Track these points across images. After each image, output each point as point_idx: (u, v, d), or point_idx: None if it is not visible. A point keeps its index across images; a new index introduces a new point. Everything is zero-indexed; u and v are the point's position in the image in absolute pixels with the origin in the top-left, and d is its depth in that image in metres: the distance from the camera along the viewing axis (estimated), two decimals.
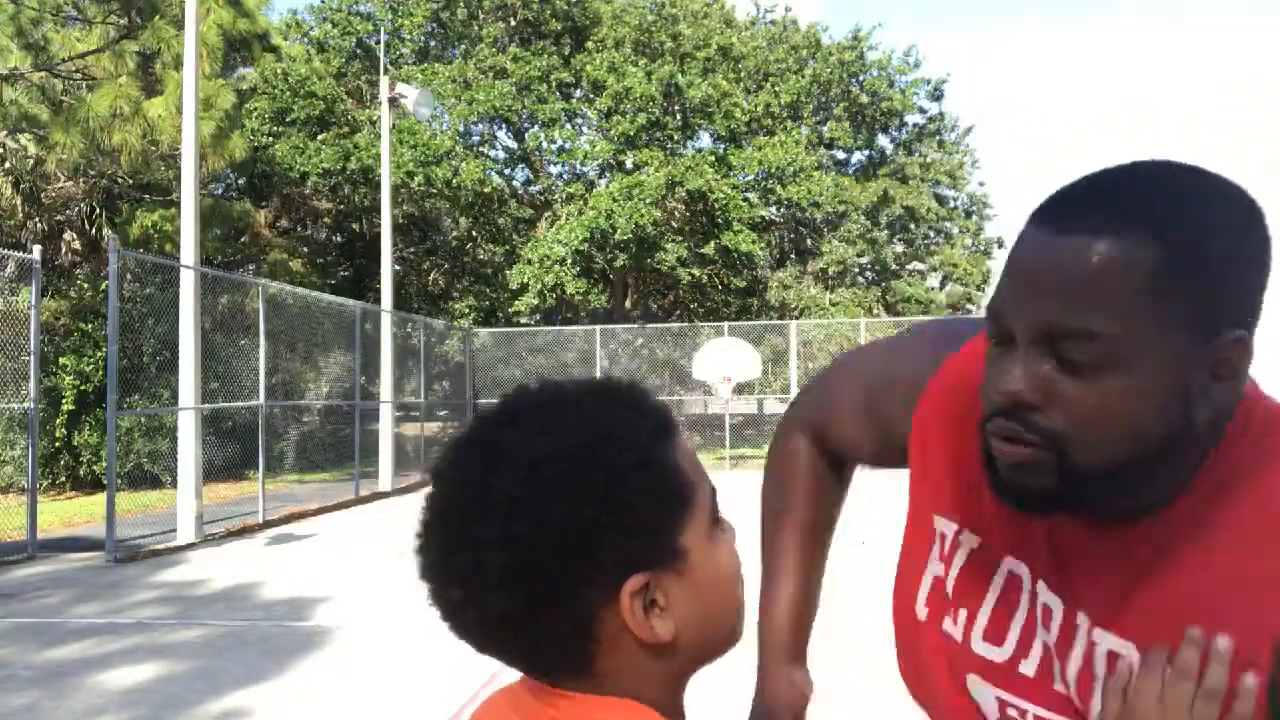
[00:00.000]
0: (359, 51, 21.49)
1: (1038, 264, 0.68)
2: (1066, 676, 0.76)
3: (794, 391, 19.55)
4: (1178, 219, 0.66)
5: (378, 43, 18.68)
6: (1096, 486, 0.70)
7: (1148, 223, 0.65)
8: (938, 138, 23.65)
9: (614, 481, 0.62)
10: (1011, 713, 0.79)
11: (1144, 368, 0.66)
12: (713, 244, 19.43)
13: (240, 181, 19.53)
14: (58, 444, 13.07)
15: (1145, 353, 0.66)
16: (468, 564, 0.62)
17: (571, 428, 0.63)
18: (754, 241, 19.18)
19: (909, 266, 23.52)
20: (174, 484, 9.62)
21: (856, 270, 22.40)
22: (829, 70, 21.98)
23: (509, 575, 0.60)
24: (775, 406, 25.24)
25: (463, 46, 22.17)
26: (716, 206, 18.80)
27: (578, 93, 21.42)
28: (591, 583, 0.61)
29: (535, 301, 18.44)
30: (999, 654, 0.80)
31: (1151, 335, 0.65)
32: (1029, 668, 0.78)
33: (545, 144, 21.04)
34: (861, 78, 22.50)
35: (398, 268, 18.47)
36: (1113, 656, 0.72)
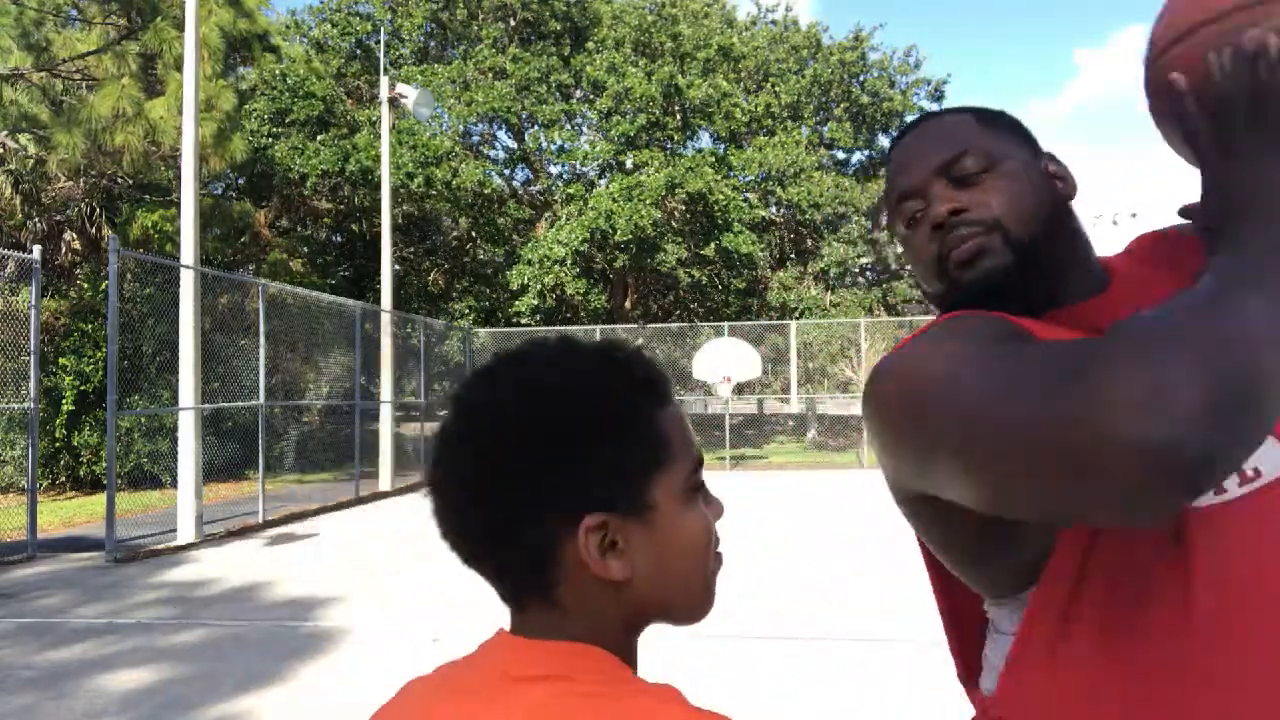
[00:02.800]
0: (358, 52, 21.50)
1: (911, 148, 0.98)
2: None
3: (794, 391, 19.56)
4: (984, 109, 0.99)
5: (377, 43, 18.69)
6: (1035, 259, 0.91)
7: (968, 110, 0.99)
8: None
9: (580, 424, 0.67)
10: None
11: (1006, 164, 0.93)
12: (713, 245, 19.43)
13: (240, 181, 19.53)
14: (58, 444, 13.07)
15: (1003, 156, 0.93)
16: (448, 476, 0.70)
17: (558, 371, 0.70)
18: (754, 242, 19.18)
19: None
20: (174, 484, 9.62)
21: (857, 271, 22.41)
22: (830, 70, 21.98)
23: (485, 493, 0.68)
24: (775, 406, 25.24)
25: (462, 47, 22.17)
26: (716, 207, 18.79)
27: (578, 93, 21.41)
28: (554, 512, 0.67)
29: (535, 302, 18.44)
30: None
31: (999, 145, 0.94)
32: None
33: (545, 144, 21.04)
34: (862, 78, 22.50)
35: (398, 268, 18.48)
36: None
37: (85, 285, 14.20)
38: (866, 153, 23.95)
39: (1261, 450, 0.81)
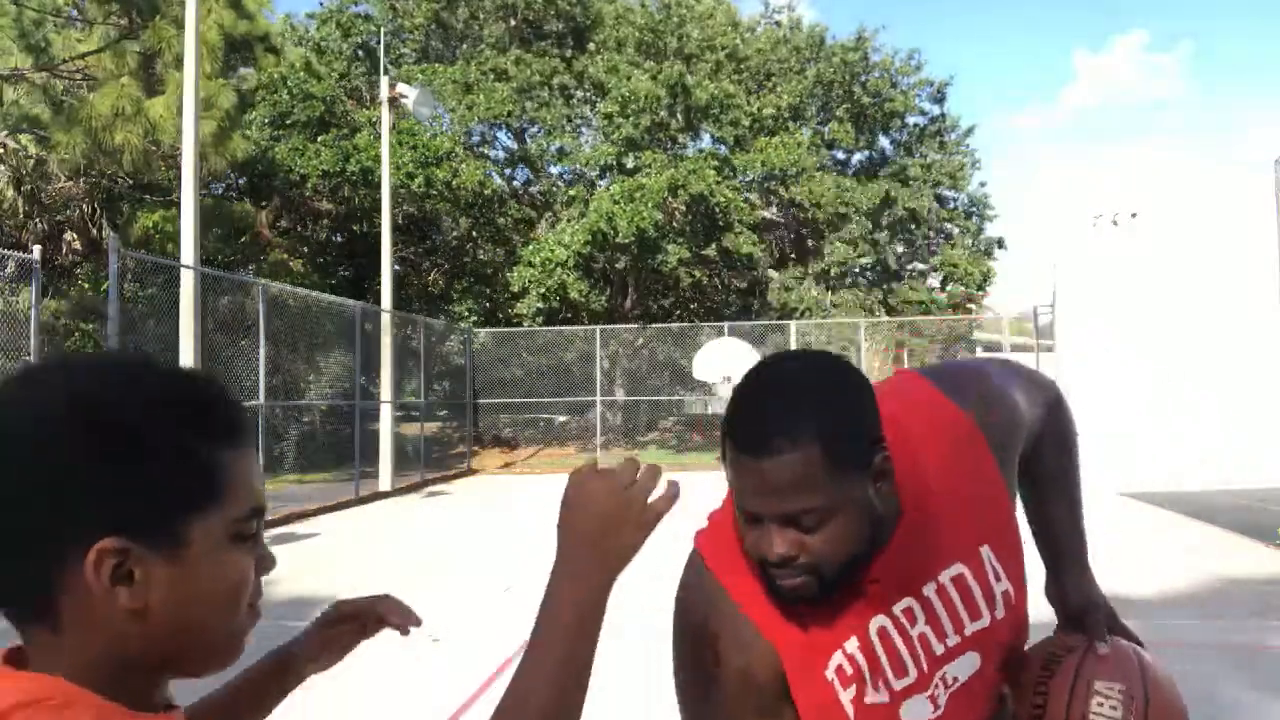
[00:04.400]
0: (359, 53, 21.50)
1: (763, 479, 1.01)
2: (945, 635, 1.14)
3: None
4: (828, 424, 1.01)
5: (378, 44, 18.69)
6: (842, 581, 1.06)
7: (814, 431, 1.00)
8: (939, 139, 23.66)
9: (121, 442, 0.63)
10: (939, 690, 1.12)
11: (843, 510, 1.02)
12: (714, 245, 19.43)
13: (241, 182, 19.54)
14: None
15: (839, 505, 1.02)
16: None
17: (117, 386, 0.66)
18: (755, 243, 19.18)
19: (909, 266, 23.53)
20: None
21: (857, 271, 22.41)
22: (832, 71, 21.99)
23: None
24: None
25: (463, 47, 22.18)
26: (718, 208, 18.80)
27: (579, 93, 21.40)
28: (69, 528, 0.62)
29: (539, 304, 18.43)
30: (907, 680, 1.12)
31: (840, 490, 1.01)
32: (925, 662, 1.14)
33: (546, 148, 21.04)
34: (864, 79, 22.50)
35: (398, 268, 18.48)
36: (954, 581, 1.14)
37: (86, 285, 14.21)
38: (868, 153, 23.96)
39: (957, 661, 1.12)
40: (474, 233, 21.84)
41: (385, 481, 13.68)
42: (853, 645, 1.10)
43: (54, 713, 0.60)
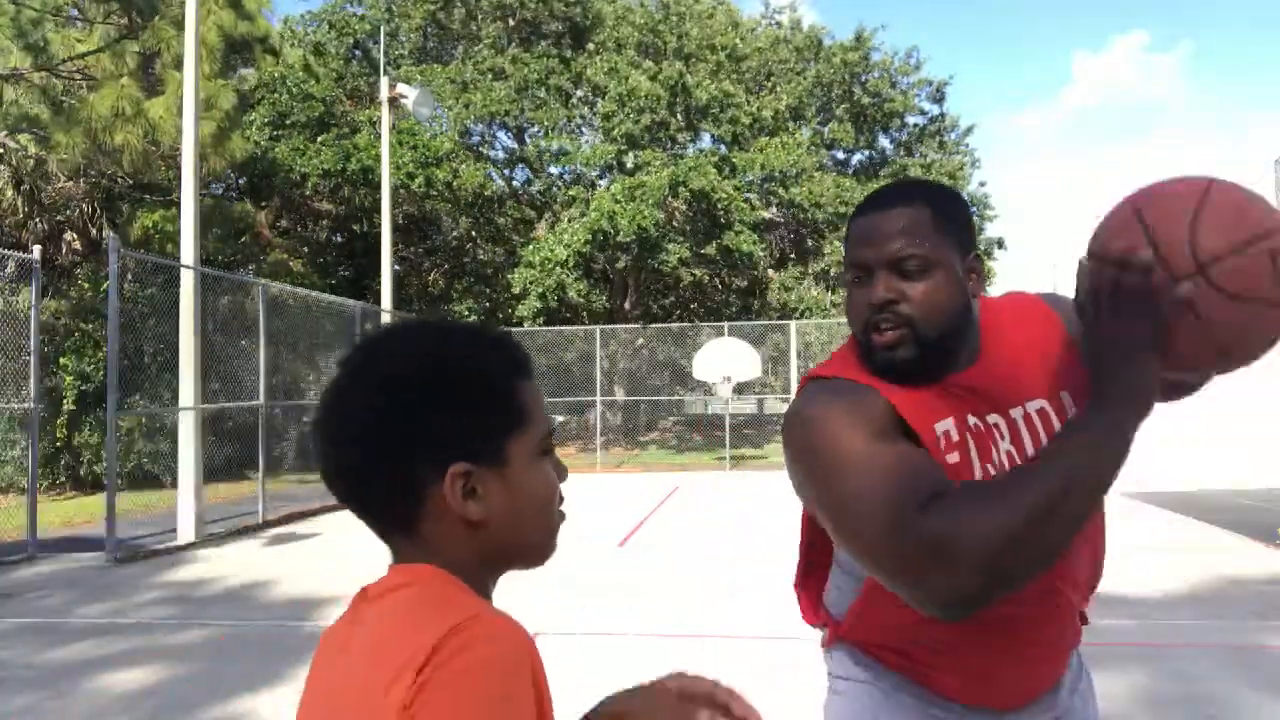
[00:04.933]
0: (357, 53, 21.48)
1: (877, 226, 1.18)
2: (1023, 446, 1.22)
3: (793, 391, 19.54)
4: (937, 197, 1.20)
5: (376, 44, 18.68)
6: (935, 351, 1.17)
7: (925, 198, 1.19)
8: (939, 139, 23.66)
9: (454, 387, 0.80)
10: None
11: (941, 269, 1.16)
12: (714, 244, 19.42)
13: (241, 182, 19.53)
14: (58, 444, 13.07)
15: (940, 262, 1.16)
16: (335, 423, 0.82)
17: (436, 344, 0.83)
18: (755, 242, 19.17)
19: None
20: (174, 484, 9.62)
21: None
22: (831, 71, 21.96)
23: (369, 439, 0.79)
24: (775, 406, 25.23)
25: (461, 47, 22.16)
26: (719, 206, 18.79)
27: (578, 93, 21.39)
28: (426, 460, 0.79)
29: (539, 305, 18.41)
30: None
31: (938, 250, 1.16)
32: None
33: (545, 148, 21.01)
34: (864, 79, 22.49)
35: (398, 268, 18.48)
36: (1039, 413, 1.23)
37: (85, 285, 14.20)
38: (868, 153, 23.94)
39: None
40: (474, 233, 21.84)
41: None
42: (949, 424, 1.18)
43: (446, 581, 0.78)
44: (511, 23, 21.77)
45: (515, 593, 5.97)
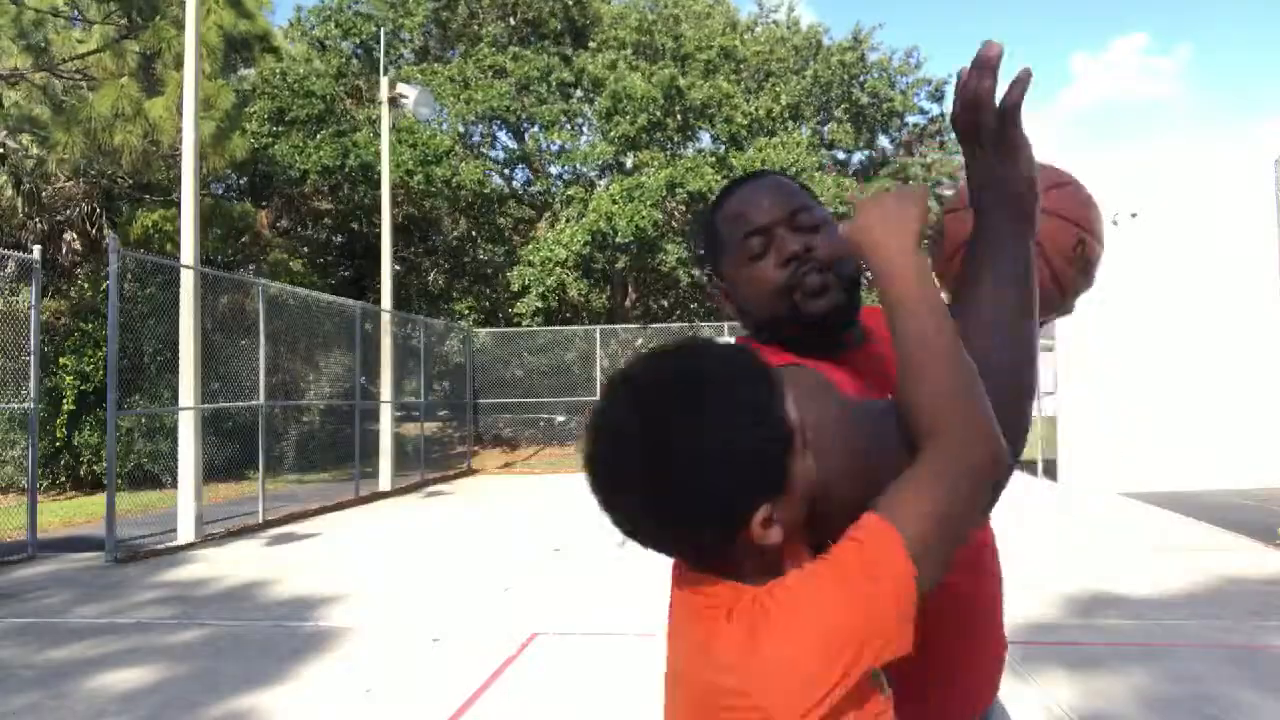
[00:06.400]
0: (359, 52, 21.47)
1: (757, 196, 1.18)
2: None
3: None
4: (786, 176, 1.24)
5: (378, 43, 18.67)
6: (855, 295, 1.18)
7: (777, 175, 1.24)
8: (939, 138, 23.65)
9: (752, 450, 0.83)
10: None
11: (828, 224, 1.17)
12: None
13: (241, 181, 19.52)
14: (58, 444, 13.06)
15: (826, 218, 1.18)
16: (640, 510, 0.87)
17: (722, 411, 0.84)
18: None
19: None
20: (174, 484, 9.62)
21: None
22: (830, 71, 21.96)
23: (686, 520, 0.84)
24: None
25: (462, 45, 22.15)
26: None
27: (578, 92, 21.39)
28: (743, 499, 0.83)
29: (538, 304, 18.40)
30: None
31: (822, 209, 1.19)
32: None
33: (545, 145, 21.01)
34: (863, 78, 22.48)
35: (398, 268, 18.47)
36: None
37: (85, 285, 14.20)
38: (867, 153, 23.94)
39: None
40: (474, 232, 21.83)
41: (385, 482, 13.67)
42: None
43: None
44: (513, 22, 21.78)
45: (515, 593, 5.94)
